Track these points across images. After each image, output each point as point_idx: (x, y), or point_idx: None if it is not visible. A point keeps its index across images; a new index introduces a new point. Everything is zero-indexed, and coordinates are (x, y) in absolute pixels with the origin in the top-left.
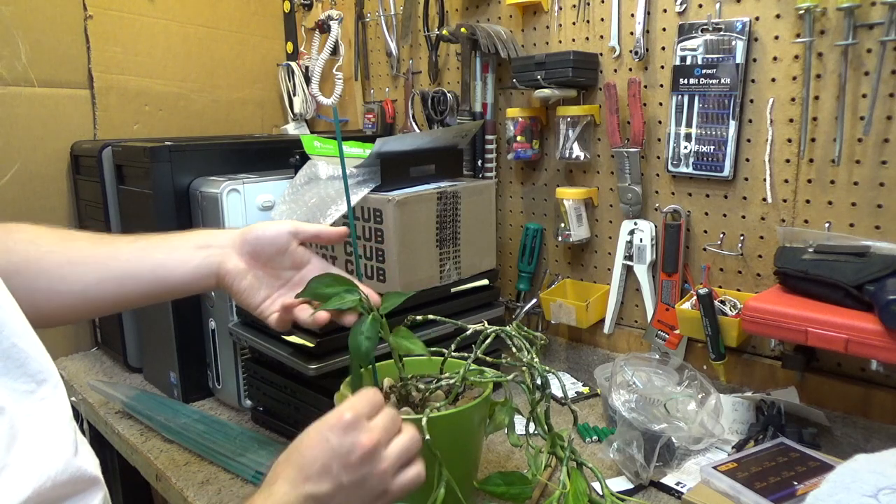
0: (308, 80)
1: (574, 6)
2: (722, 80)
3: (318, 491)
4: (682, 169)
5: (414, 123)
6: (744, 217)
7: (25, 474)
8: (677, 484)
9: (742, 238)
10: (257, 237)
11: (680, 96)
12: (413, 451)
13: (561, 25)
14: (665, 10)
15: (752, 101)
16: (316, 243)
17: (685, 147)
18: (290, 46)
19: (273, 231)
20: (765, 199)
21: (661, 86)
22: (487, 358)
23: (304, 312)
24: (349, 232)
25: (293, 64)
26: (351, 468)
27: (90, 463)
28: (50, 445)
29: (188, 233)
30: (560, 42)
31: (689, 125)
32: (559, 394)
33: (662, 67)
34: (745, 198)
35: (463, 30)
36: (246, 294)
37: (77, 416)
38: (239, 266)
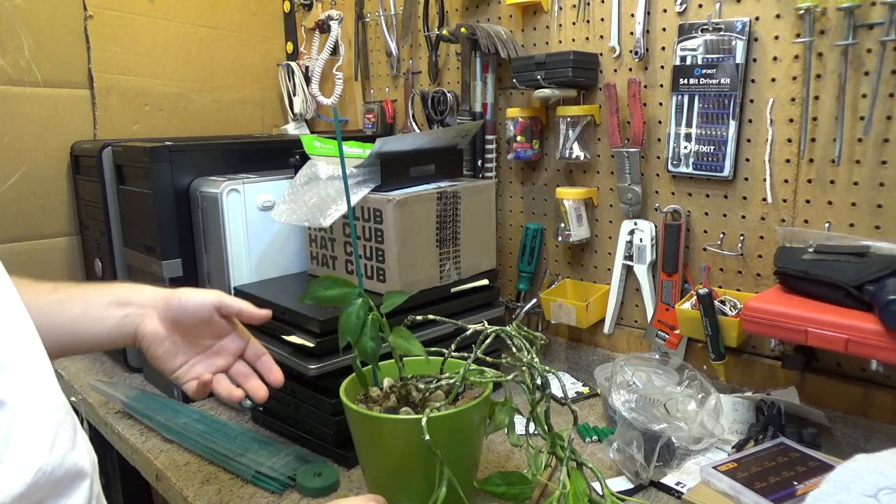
0: (308, 80)
1: (574, 6)
2: (722, 80)
3: None
4: (682, 169)
5: (414, 123)
6: (744, 217)
7: (21, 469)
8: (677, 484)
9: (742, 238)
10: (181, 306)
11: (680, 96)
12: None
13: (561, 25)
14: (665, 10)
15: (752, 101)
16: (238, 319)
17: (685, 147)
18: (290, 46)
19: (197, 302)
20: (765, 199)
21: (661, 86)
22: (487, 358)
23: (221, 385)
24: (270, 315)
25: (293, 64)
26: None
27: (83, 457)
28: (45, 440)
29: (107, 286)
30: (560, 42)
31: (689, 125)
32: (559, 394)
33: (662, 67)
34: (745, 198)
35: (463, 30)
36: (162, 360)
37: (77, 416)
38: (158, 331)
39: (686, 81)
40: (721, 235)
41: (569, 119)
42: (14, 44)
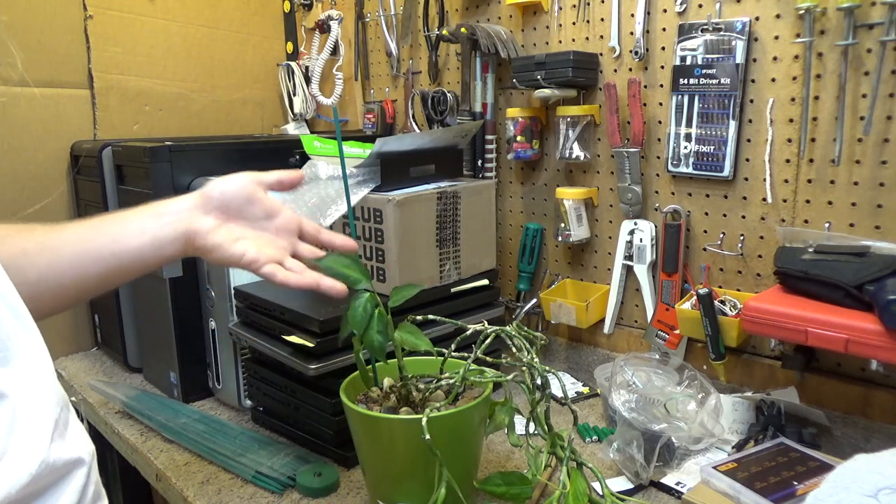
0: (308, 80)
1: (574, 6)
2: (722, 80)
3: None
4: (682, 169)
5: (414, 123)
6: (744, 217)
7: (24, 460)
8: (677, 484)
9: (742, 238)
10: (223, 191)
11: (680, 96)
12: None
13: (561, 25)
14: (665, 10)
15: (752, 101)
16: (280, 190)
17: (685, 147)
18: (290, 46)
19: (235, 183)
20: (765, 199)
21: (661, 86)
22: (487, 358)
23: (298, 274)
24: (304, 176)
25: (293, 64)
26: None
27: (82, 446)
28: (46, 431)
29: (136, 207)
30: (560, 42)
31: (689, 125)
32: (559, 394)
33: (662, 67)
34: (745, 198)
35: (463, 30)
36: (224, 248)
37: (77, 415)
38: (209, 222)
39: (686, 81)
40: (721, 235)
41: (569, 119)
42: (13, 44)
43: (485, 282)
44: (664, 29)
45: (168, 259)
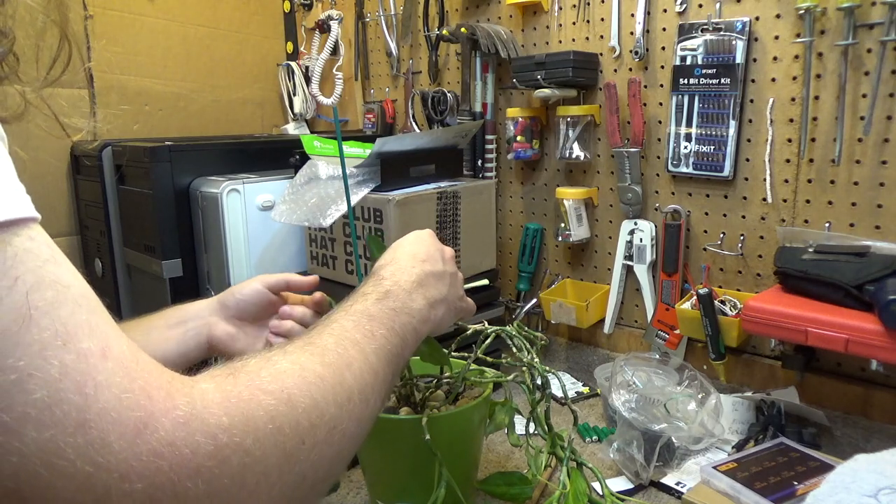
0: (308, 80)
1: (574, 6)
2: (722, 80)
3: (433, 269)
4: (682, 169)
5: (414, 123)
6: (744, 217)
7: None
8: (677, 484)
9: (742, 238)
10: (237, 301)
11: (680, 96)
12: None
13: (561, 25)
14: (665, 10)
15: (752, 101)
16: (287, 290)
17: (685, 147)
18: (290, 46)
19: (249, 290)
20: (765, 199)
21: (661, 86)
22: (487, 358)
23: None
24: (318, 280)
25: (293, 64)
26: (446, 262)
27: None
28: None
29: (156, 314)
30: (560, 42)
31: (689, 125)
32: (559, 394)
33: (662, 67)
34: (745, 198)
35: (463, 30)
36: (245, 352)
37: None
38: (229, 330)
39: (686, 81)
40: (721, 235)
41: (569, 119)
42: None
43: (485, 282)
44: (664, 29)
45: (191, 361)
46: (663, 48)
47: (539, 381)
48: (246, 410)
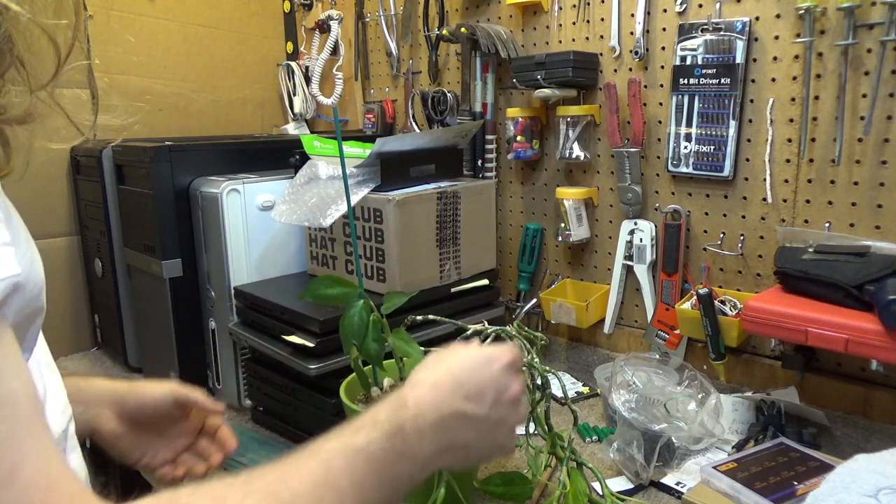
0: (308, 80)
1: (574, 6)
2: (722, 80)
3: (471, 412)
4: (682, 169)
5: (414, 123)
6: (744, 217)
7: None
8: (677, 484)
9: (742, 238)
10: (137, 405)
11: (680, 96)
12: None
13: (561, 25)
14: (665, 10)
15: (752, 101)
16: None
17: (685, 147)
18: (290, 46)
19: (153, 398)
20: (765, 199)
21: (661, 86)
22: None
23: (184, 468)
24: (223, 409)
25: (293, 64)
26: (501, 405)
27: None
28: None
29: (71, 380)
30: (560, 42)
31: (689, 125)
32: (559, 394)
33: (662, 67)
34: (745, 198)
35: (463, 30)
36: (125, 454)
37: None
38: (116, 429)
39: (686, 81)
40: (721, 235)
41: (569, 119)
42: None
43: (485, 282)
44: (664, 29)
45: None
46: (663, 48)
47: (539, 381)
48: None
